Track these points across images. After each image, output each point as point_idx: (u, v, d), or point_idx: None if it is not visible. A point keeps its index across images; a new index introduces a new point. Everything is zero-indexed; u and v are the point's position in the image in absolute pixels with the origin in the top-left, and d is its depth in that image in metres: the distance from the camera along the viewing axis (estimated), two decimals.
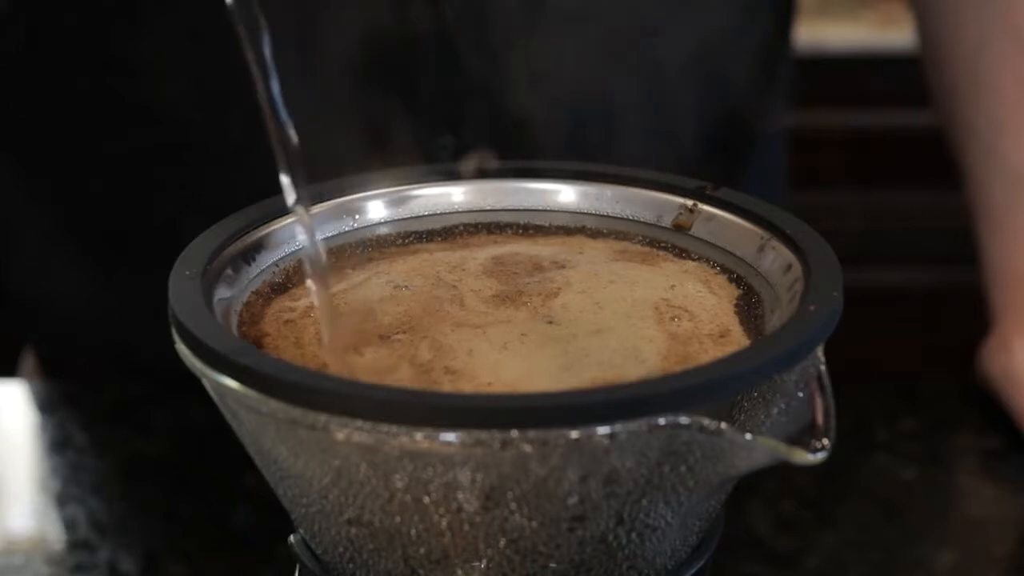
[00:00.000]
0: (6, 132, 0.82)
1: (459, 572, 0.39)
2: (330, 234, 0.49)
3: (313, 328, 0.43)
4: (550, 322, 0.43)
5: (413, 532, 0.39)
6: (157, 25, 0.75)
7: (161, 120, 0.76)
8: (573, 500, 0.37)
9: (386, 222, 0.50)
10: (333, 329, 0.41)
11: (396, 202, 0.50)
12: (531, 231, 0.50)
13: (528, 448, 0.36)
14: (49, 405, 0.76)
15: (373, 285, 0.46)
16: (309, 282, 0.42)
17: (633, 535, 0.39)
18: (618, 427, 0.36)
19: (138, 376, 0.76)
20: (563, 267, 0.47)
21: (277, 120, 0.40)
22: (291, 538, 0.44)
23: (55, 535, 0.64)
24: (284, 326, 0.44)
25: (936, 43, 0.82)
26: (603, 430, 0.36)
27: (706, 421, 0.36)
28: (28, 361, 0.90)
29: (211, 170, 0.76)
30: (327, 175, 0.50)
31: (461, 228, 0.50)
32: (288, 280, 0.47)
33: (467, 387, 0.39)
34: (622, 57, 0.76)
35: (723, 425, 0.36)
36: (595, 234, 0.50)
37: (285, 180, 0.41)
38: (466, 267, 0.47)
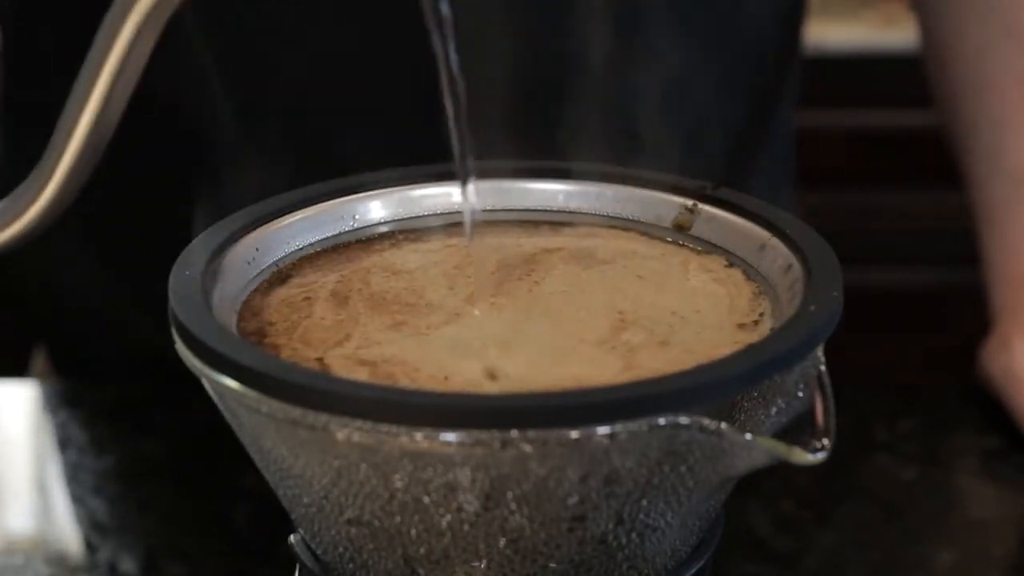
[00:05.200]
0: (18, 133, 0.82)
1: (459, 572, 0.39)
2: (329, 233, 0.49)
3: (318, 311, 0.44)
4: (543, 313, 0.44)
5: (413, 532, 0.39)
6: (171, 22, 0.75)
7: (172, 118, 0.76)
8: (573, 500, 0.37)
9: (386, 221, 0.50)
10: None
11: (396, 202, 0.50)
12: (530, 230, 0.50)
13: (528, 448, 0.36)
14: (49, 405, 0.76)
15: (368, 273, 0.46)
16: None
17: (633, 535, 0.39)
18: (618, 427, 0.36)
19: (149, 372, 0.76)
20: (561, 262, 0.47)
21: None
22: (291, 538, 0.44)
23: (56, 535, 0.64)
24: (289, 310, 0.44)
25: (939, 44, 0.82)
26: (603, 430, 0.36)
27: (706, 421, 0.36)
28: (39, 358, 0.90)
29: (223, 168, 0.76)
30: (346, 172, 0.50)
31: (460, 228, 0.50)
32: (289, 275, 0.47)
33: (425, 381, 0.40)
34: (633, 55, 0.77)
35: (723, 425, 0.36)
36: (595, 231, 0.50)
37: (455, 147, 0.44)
38: (464, 263, 0.47)
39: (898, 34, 1.75)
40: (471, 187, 0.45)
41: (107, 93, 0.40)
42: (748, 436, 0.37)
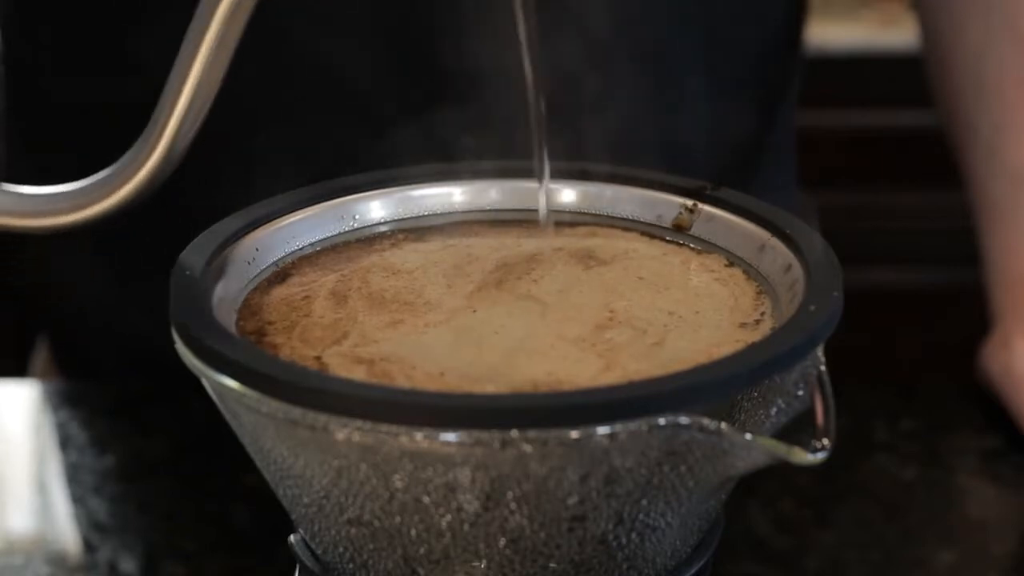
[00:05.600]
0: (21, 132, 0.82)
1: (459, 572, 0.39)
2: (329, 233, 0.49)
3: (318, 309, 0.44)
4: (536, 312, 0.44)
5: (413, 532, 0.39)
6: (170, 26, 0.75)
7: None
8: (573, 500, 0.37)
9: (386, 221, 0.50)
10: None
11: (396, 202, 0.50)
12: (530, 229, 0.50)
13: (528, 448, 0.36)
14: (50, 405, 0.76)
15: (367, 272, 0.46)
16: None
17: (633, 535, 0.39)
18: (618, 427, 0.36)
19: (151, 370, 0.76)
20: (561, 261, 0.47)
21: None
22: (291, 538, 0.44)
23: (56, 535, 0.64)
24: (288, 309, 0.44)
25: (938, 44, 0.82)
26: (603, 430, 0.36)
27: (706, 421, 0.36)
28: (40, 356, 0.90)
29: (224, 168, 0.76)
30: (344, 171, 0.50)
31: (460, 227, 0.50)
32: (288, 274, 0.47)
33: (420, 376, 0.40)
34: (639, 58, 0.77)
35: (723, 425, 0.36)
36: (595, 231, 0.50)
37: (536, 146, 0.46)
38: (464, 262, 0.47)
39: (898, 34, 1.75)
40: (545, 187, 0.47)
41: (208, 63, 0.43)
42: (748, 436, 0.37)
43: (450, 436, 0.36)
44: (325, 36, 0.73)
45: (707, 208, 0.48)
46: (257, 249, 0.46)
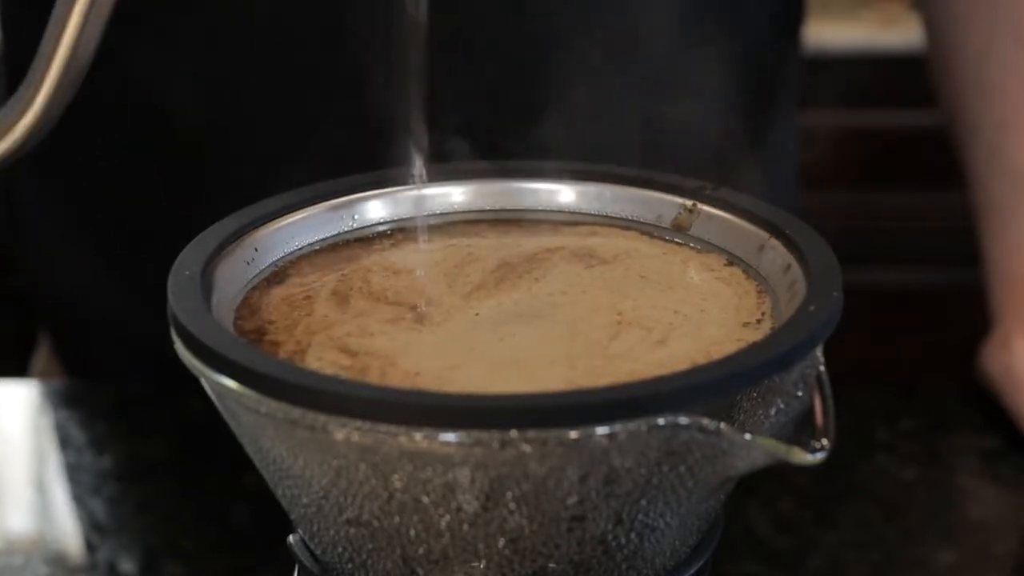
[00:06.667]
0: None
1: (458, 572, 0.39)
2: (329, 233, 0.49)
3: (320, 308, 0.44)
4: (541, 313, 0.44)
5: (412, 532, 0.39)
6: (171, 25, 0.75)
7: (176, 118, 0.76)
8: (572, 500, 0.37)
9: (386, 221, 0.50)
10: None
11: (396, 202, 0.50)
12: (530, 229, 0.50)
13: (527, 448, 0.36)
14: (49, 405, 0.76)
15: (368, 272, 0.46)
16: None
17: (632, 535, 0.39)
18: (617, 427, 0.36)
19: (153, 370, 0.76)
20: (562, 261, 0.47)
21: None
22: (290, 538, 0.44)
23: (55, 535, 0.64)
24: (289, 308, 0.44)
25: (942, 44, 0.82)
26: (602, 430, 0.36)
27: (706, 421, 0.36)
28: (41, 355, 0.90)
29: (225, 167, 0.76)
30: (332, 173, 0.50)
31: (460, 227, 0.50)
32: (288, 274, 0.47)
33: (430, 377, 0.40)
34: (635, 55, 0.77)
35: (722, 425, 0.36)
36: (595, 230, 0.50)
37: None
38: (465, 262, 0.47)
39: (897, 34, 1.75)
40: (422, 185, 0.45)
41: (81, 26, 0.42)
42: (748, 436, 0.37)
43: (449, 436, 0.36)
44: (328, 39, 0.73)
45: (707, 208, 0.48)
46: (257, 249, 0.46)
